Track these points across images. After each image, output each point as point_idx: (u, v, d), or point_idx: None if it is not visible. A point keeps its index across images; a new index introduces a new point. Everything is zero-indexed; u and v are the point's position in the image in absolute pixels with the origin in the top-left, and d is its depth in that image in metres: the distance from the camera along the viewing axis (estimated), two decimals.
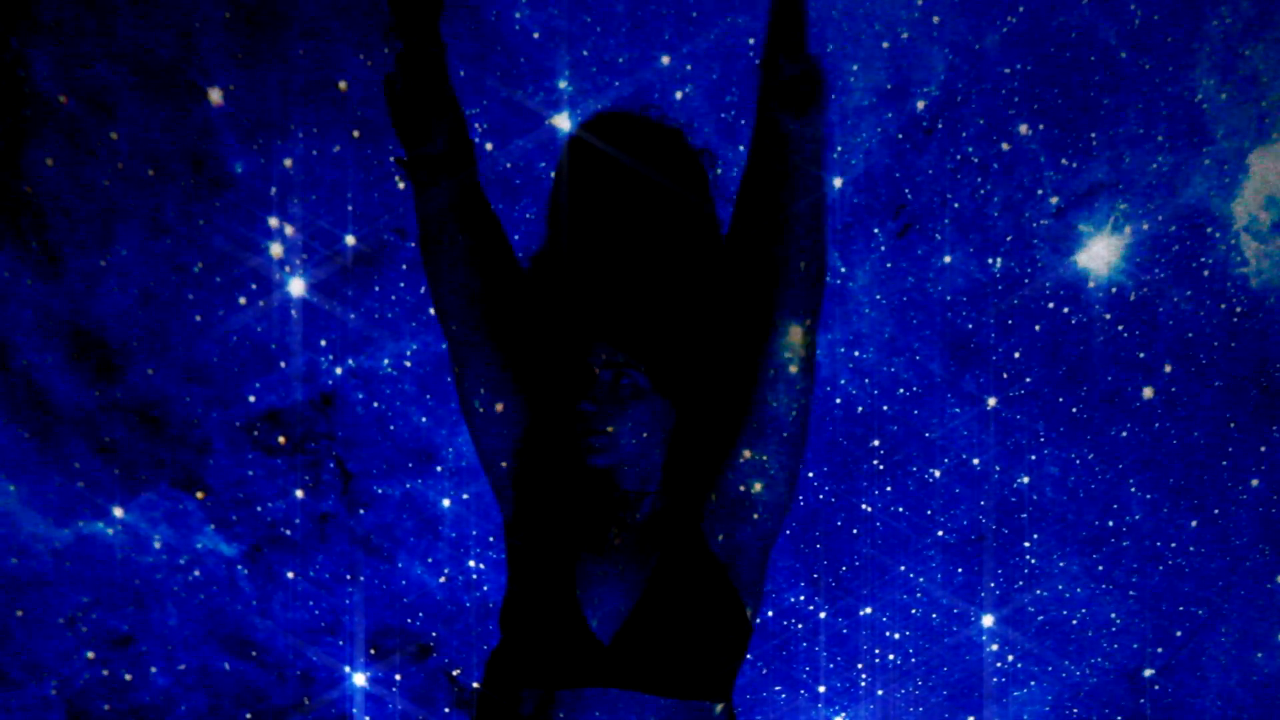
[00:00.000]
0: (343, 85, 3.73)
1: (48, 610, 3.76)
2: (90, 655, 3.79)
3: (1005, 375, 3.83)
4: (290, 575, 3.85)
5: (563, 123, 3.71)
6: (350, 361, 3.80)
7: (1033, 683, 3.88)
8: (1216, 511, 3.85)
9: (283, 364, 3.77)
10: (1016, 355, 3.83)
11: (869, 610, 3.88)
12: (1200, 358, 3.82)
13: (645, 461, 2.17)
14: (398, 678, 3.87)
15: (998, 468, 3.84)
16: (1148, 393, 3.82)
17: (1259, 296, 3.82)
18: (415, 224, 2.23)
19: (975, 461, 3.85)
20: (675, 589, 2.08)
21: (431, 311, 3.74)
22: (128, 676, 3.80)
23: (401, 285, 3.77)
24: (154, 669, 3.81)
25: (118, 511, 3.79)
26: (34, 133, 3.70)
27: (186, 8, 3.66)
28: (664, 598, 2.07)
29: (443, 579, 3.86)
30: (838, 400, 3.84)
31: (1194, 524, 3.86)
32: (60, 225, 3.72)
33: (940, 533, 3.88)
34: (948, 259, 3.83)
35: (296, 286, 3.73)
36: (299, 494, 3.83)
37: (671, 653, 2.05)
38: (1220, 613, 3.87)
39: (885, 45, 3.76)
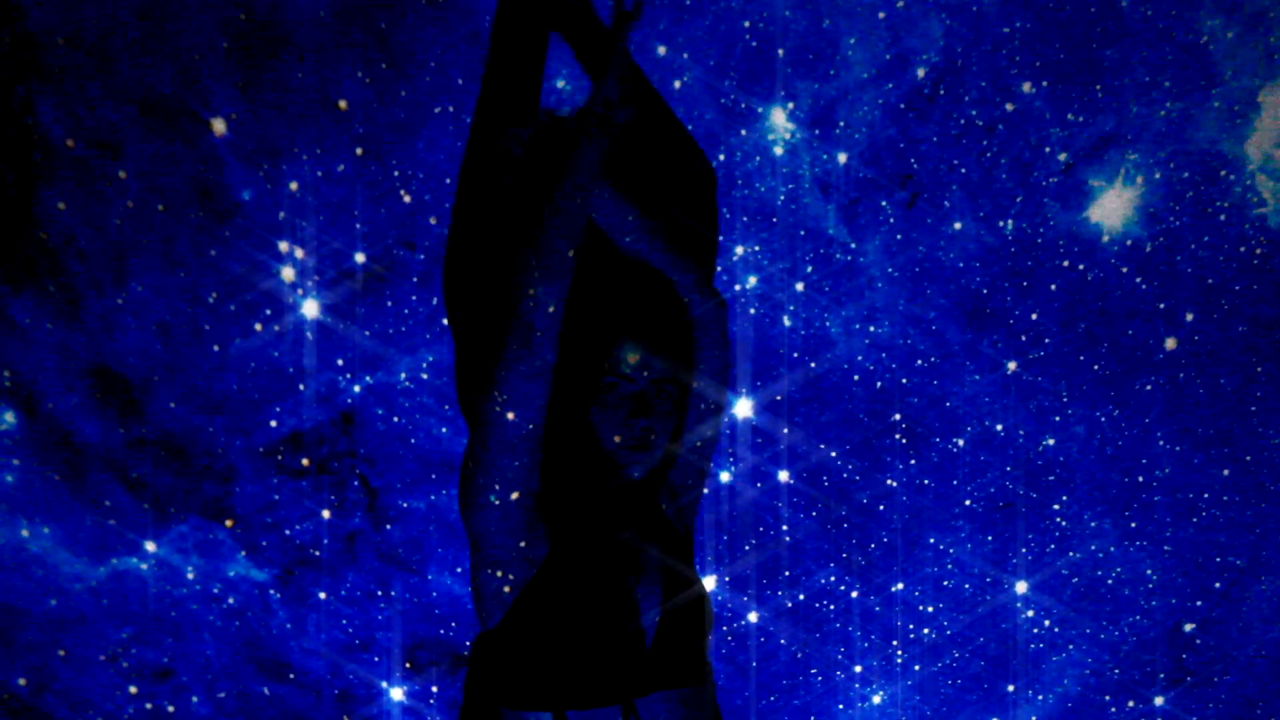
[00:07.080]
0: (343, 104, 3.74)
1: (89, 648, 3.81)
2: (133, 689, 3.83)
3: (1024, 338, 3.78)
4: (322, 596, 3.88)
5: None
6: (368, 378, 3.82)
7: (1071, 646, 3.84)
8: (1248, 458, 3.79)
9: (301, 387, 3.79)
10: (1034, 317, 3.79)
11: (900, 586, 3.85)
12: (1222, 303, 3.76)
13: None
14: (434, 689, 3.88)
15: (1022, 432, 3.80)
16: (1170, 343, 3.77)
17: (1279, 236, 3.76)
18: (446, 222, 2.17)
19: (999, 428, 3.81)
20: (678, 578, 2.03)
21: (445, 322, 3.75)
22: (170, 708, 3.84)
23: (413, 299, 3.78)
24: (195, 699, 3.85)
25: (150, 546, 3.83)
26: (44, 178, 3.74)
27: (185, 42, 3.69)
28: (675, 590, 2.02)
29: None
30: (856, 377, 3.81)
31: (1225, 472, 3.80)
32: (76, 267, 3.76)
33: (968, 502, 3.85)
34: (958, 225, 3.79)
35: (310, 308, 3.75)
36: (325, 514, 3.86)
37: (687, 642, 2.02)
38: (1259, 560, 3.81)
39: (882, 16, 3.73)
